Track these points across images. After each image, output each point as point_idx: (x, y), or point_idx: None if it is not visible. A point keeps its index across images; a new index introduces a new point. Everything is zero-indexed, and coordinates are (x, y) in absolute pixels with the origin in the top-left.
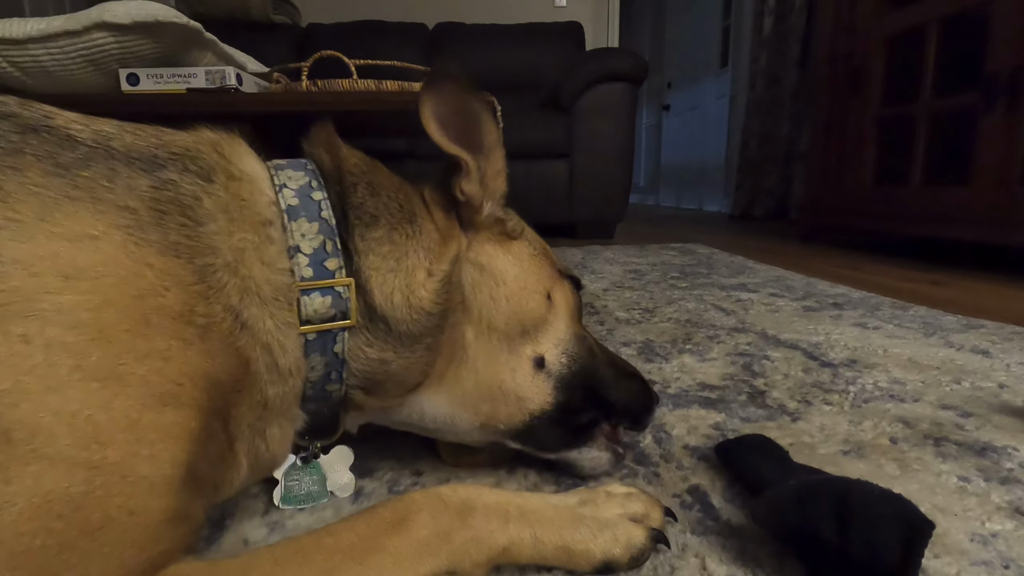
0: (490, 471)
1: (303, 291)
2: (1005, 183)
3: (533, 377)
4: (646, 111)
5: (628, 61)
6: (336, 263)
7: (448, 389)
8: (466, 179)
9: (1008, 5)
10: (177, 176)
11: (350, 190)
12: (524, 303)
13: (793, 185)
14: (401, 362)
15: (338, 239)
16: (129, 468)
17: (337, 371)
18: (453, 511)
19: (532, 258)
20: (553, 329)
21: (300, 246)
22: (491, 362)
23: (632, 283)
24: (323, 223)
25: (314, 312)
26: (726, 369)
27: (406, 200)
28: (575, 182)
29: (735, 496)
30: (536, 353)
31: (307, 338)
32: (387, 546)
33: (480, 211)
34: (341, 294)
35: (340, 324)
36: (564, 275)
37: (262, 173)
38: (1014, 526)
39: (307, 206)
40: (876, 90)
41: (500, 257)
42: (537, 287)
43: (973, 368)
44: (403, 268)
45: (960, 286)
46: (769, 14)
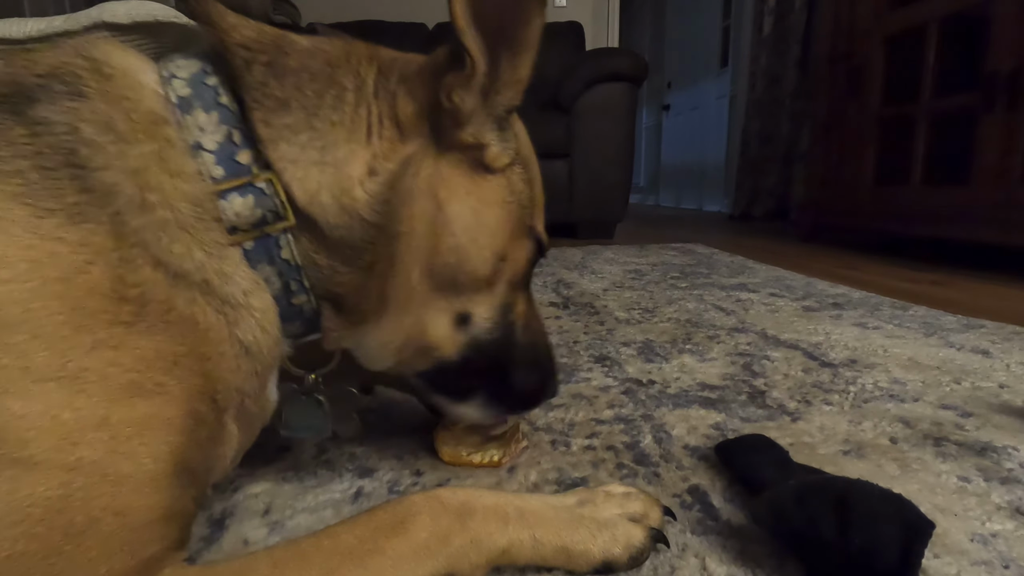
0: (490, 471)
1: (219, 194)
2: (1005, 183)
3: (452, 332)
4: (646, 111)
5: (628, 61)
6: (248, 156)
7: (382, 326)
8: (463, 84)
9: (1008, 5)
10: (48, 110)
11: (242, 69)
12: (468, 261)
13: (793, 185)
14: (351, 277)
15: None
16: (108, 467)
17: (296, 280)
18: (452, 513)
19: (500, 207)
20: (489, 293)
21: (202, 142)
22: (421, 305)
23: (632, 283)
24: (223, 111)
25: (236, 216)
26: (726, 369)
27: (336, 83)
28: (575, 182)
29: (735, 496)
30: (464, 310)
31: (244, 248)
32: (386, 548)
33: (462, 127)
34: (264, 190)
35: (277, 227)
36: (532, 234)
37: (141, 65)
38: (1014, 526)
39: (201, 94)
40: (876, 90)
41: (461, 197)
42: (490, 245)
43: (973, 368)
44: (330, 161)
45: (960, 286)
46: (769, 14)
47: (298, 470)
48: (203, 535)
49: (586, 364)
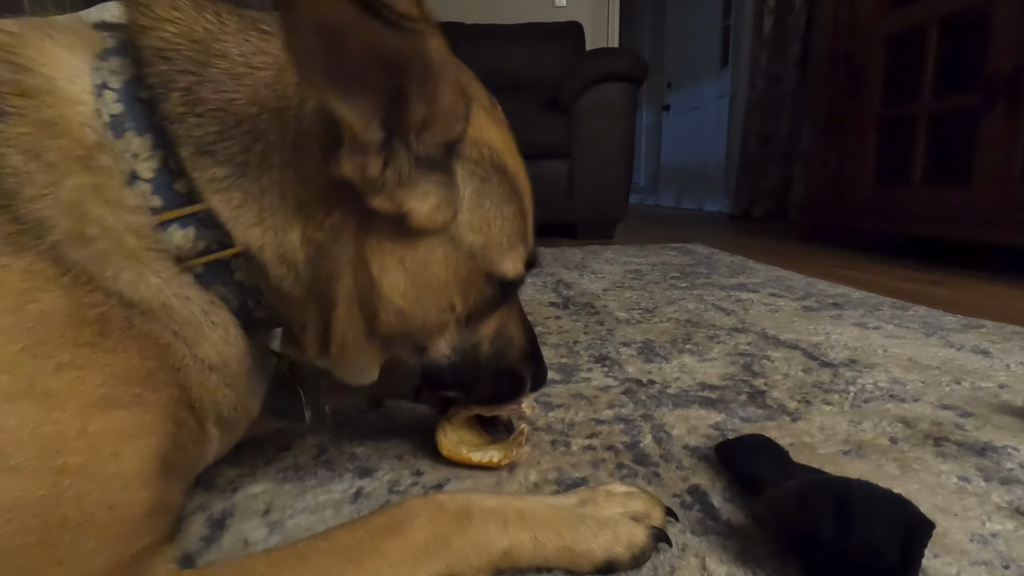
0: (489, 471)
1: (160, 224)
2: (1005, 183)
3: (411, 355)
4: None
5: (628, 61)
6: (184, 185)
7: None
8: (351, 151)
9: (1008, 5)
10: None
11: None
12: (412, 319)
13: (793, 185)
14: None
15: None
16: (95, 469)
17: (254, 299)
18: (451, 516)
19: (443, 264)
20: (444, 334)
21: (136, 170)
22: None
23: (632, 283)
24: (158, 133)
25: (179, 249)
26: (726, 369)
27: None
28: (575, 182)
29: (735, 496)
30: (419, 344)
31: (195, 272)
32: (384, 549)
33: (372, 195)
34: (204, 221)
35: (225, 254)
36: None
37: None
38: (1014, 526)
39: (133, 113)
40: (876, 90)
41: (392, 267)
42: (435, 304)
43: (973, 368)
44: (269, 226)
45: (960, 286)
46: (769, 14)
47: (298, 470)
48: (203, 535)
49: (586, 364)
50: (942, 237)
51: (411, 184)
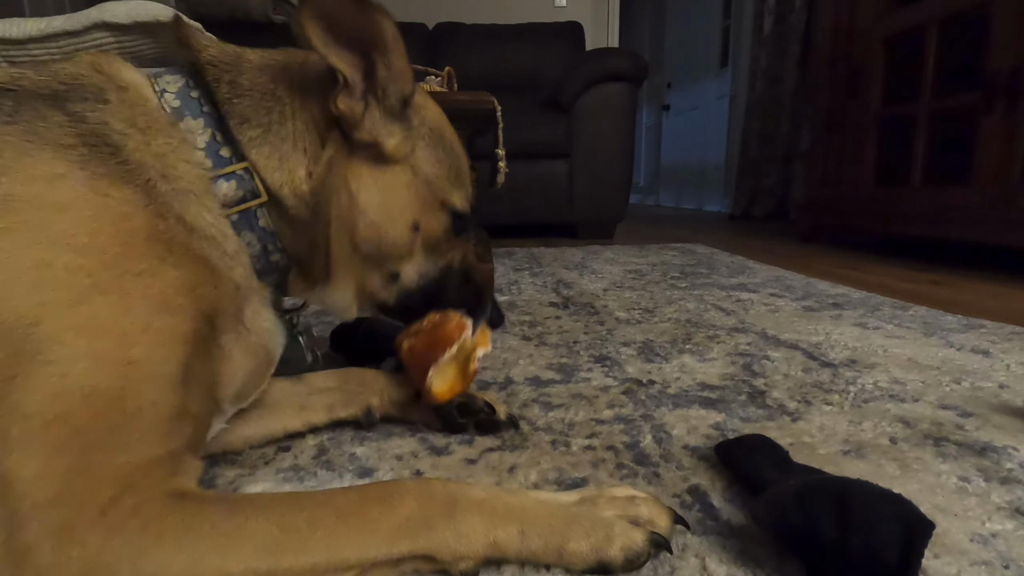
0: (490, 471)
1: (212, 180)
2: (1005, 183)
3: (385, 284)
4: (646, 111)
5: (628, 61)
6: (228, 151)
7: (333, 287)
8: (344, 93)
9: (1008, 5)
10: (81, 107)
11: (213, 86)
12: (384, 233)
13: (793, 185)
14: (304, 244)
15: (223, 128)
16: (149, 366)
17: (271, 243)
18: (439, 502)
19: (406, 187)
20: (411, 255)
21: (195, 143)
22: (356, 272)
23: (632, 283)
24: (207, 117)
25: (225, 196)
26: (726, 369)
27: (279, 100)
28: (575, 182)
29: (735, 496)
30: (393, 271)
31: (232, 219)
32: (369, 515)
33: (356, 128)
34: (242, 176)
35: (255, 203)
36: (445, 206)
37: (143, 81)
38: (1014, 526)
39: (188, 105)
40: (876, 90)
41: (368, 185)
42: (401, 219)
43: (973, 368)
44: (286, 168)
45: (960, 286)
46: (769, 14)
47: (298, 470)
48: None
49: (586, 364)
50: (942, 237)
51: (382, 124)
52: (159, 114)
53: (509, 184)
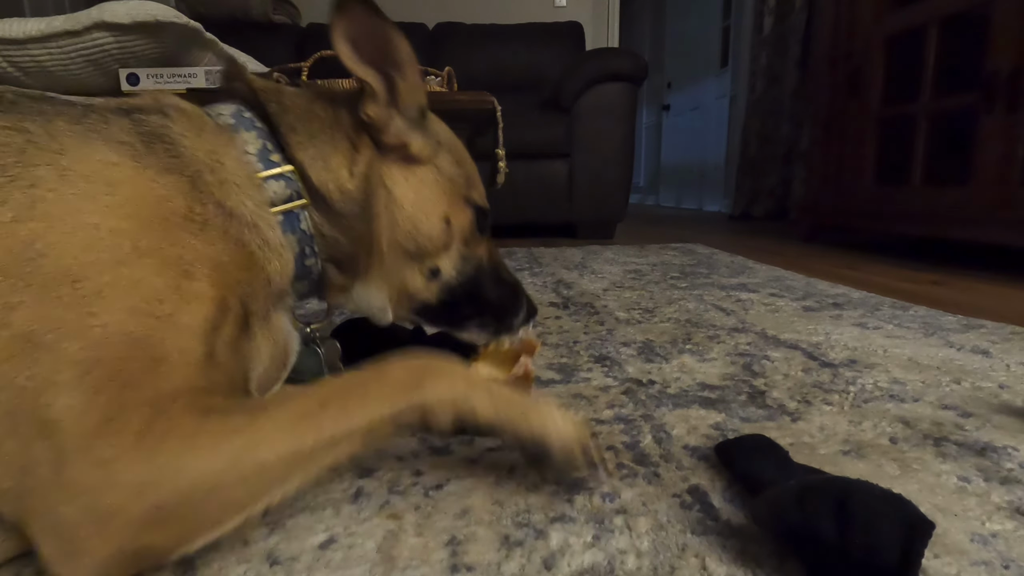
0: (489, 468)
1: (263, 180)
2: (1005, 183)
3: (426, 283)
4: (646, 111)
5: (628, 61)
6: (278, 156)
7: (373, 285)
8: (371, 102)
9: (1008, 5)
10: (145, 116)
11: (267, 105)
12: (420, 225)
13: (793, 185)
14: (347, 241)
15: (273, 139)
16: (178, 318)
17: (309, 246)
18: (423, 366)
19: (434, 184)
20: (448, 248)
21: (247, 149)
22: (396, 268)
23: (632, 283)
24: (259, 130)
25: (275, 195)
26: (726, 369)
27: (317, 116)
28: (575, 182)
29: (735, 496)
30: (433, 265)
31: (278, 220)
32: (369, 387)
33: (384, 132)
34: (290, 177)
35: (298, 203)
36: (468, 202)
37: (199, 110)
38: (1014, 526)
39: (242, 122)
40: (876, 90)
41: (401, 182)
42: (434, 212)
43: (973, 368)
44: (329, 168)
45: (960, 286)
46: (769, 14)
47: None
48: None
49: (586, 364)
50: (942, 237)
51: (407, 130)
52: (213, 127)
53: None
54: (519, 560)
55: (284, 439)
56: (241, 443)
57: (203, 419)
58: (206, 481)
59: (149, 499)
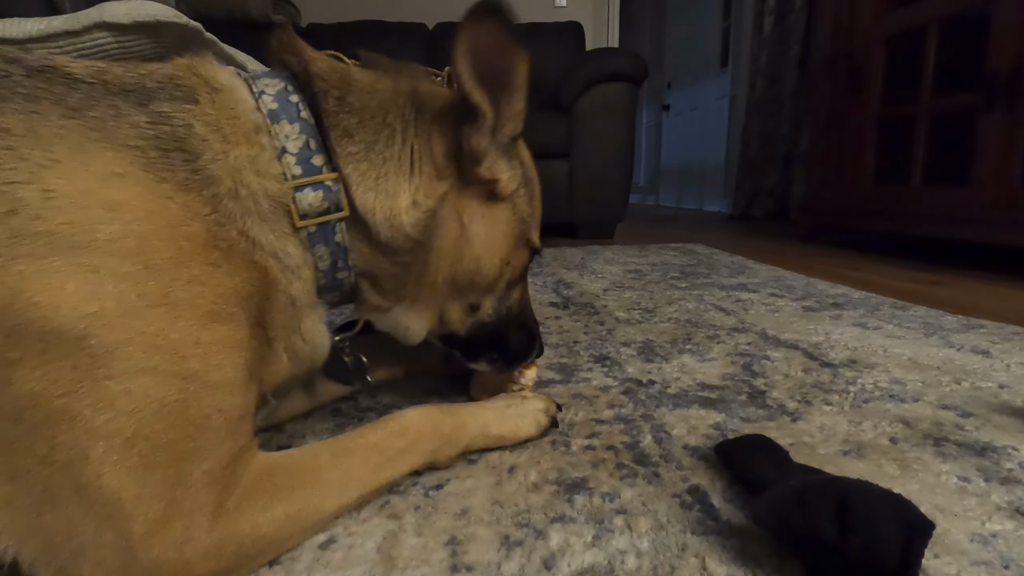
0: (489, 470)
1: (296, 188)
2: (1005, 183)
3: (464, 315)
4: (646, 111)
5: (628, 61)
6: (321, 159)
7: (413, 310)
8: (478, 130)
9: (1008, 5)
10: (168, 106)
11: (321, 96)
12: (483, 266)
13: (793, 185)
14: (388, 266)
15: (319, 138)
16: (207, 376)
17: (342, 259)
18: (432, 426)
19: (507, 224)
20: (494, 289)
21: (287, 147)
22: (443, 299)
23: (632, 283)
24: (303, 123)
25: (309, 206)
26: (726, 369)
27: (388, 125)
28: (575, 182)
29: (735, 496)
30: (475, 302)
31: (308, 231)
32: (395, 445)
33: (479, 164)
34: (331, 187)
35: (335, 216)
36: (528, 244)
37: (240, 83)
38: (1014, 526)
39: (286, 108)
40: (876, 90)
41: (478, 220)
42: (499, 254)
43: (973, 368)
44: (383, 190)
45: (960, 286)
46: (769, 14)
47: None
48: None
49: (586, 364)
50: (942, 237)
51: (498, 161)
52: (250, 118)
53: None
54: (519, 560)
55: (337, 498)
56: (306, 501)
57: (268, 484)
58: (277, 538)
59: (223, 565)
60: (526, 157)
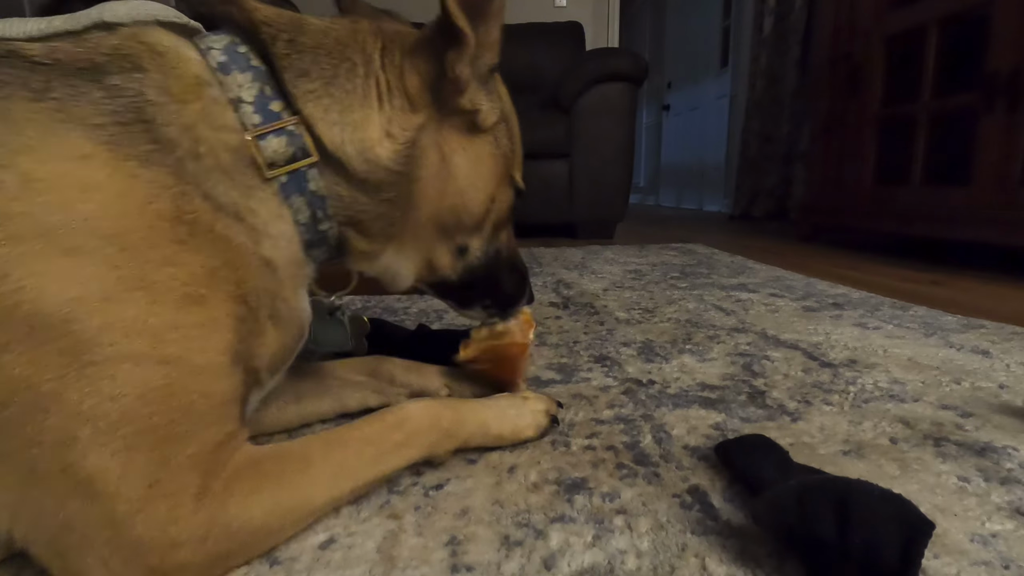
0: (490, 471)
1: (258, 136)
2: (1005, 183)
3: (453, 259)
4: (646, 111)
5: (628, 61)
6: (279, 105)
7: (402, 254)
8: (460, 57)
9: (1008, 5)
10: (119, 79)
11: (269, 42)
12: (468, 201)
13: (793, 185)
14: (372, 206)
15: (274, 82)
16: (189, 360)
17: (322, 209)
18: (430, 420)
19: (490, 158)
20: (482, 228)
21: (241, 96)
22: (431, 240)
23: (632, 283)
24: (255, 71)
25: (274, 153)
26: (726, 369)
27: (347, 59)
28: (575, 182)
29: (735, 496)
30: (463, 243)
31: (280, 182)
32: (393, 438)
33: (462, 94)
34: (293, 132)
35: (305, 162)
36: (512, 182)
37: (184, 42)
38: (1014, 526)
39: (236, 60)
40: (876, 90)
41: (459, 152)
42: (484, 188)
43: (973, 368)
44: (349, 123)
45: (960, 286)
46: (769, 14)
47: None
48: None
49: (586, 364)
50: (942, 237)
51: (478, 92)
52: (196, 72)
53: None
54: (519, 560)
55: (328, 490)
56: (294, 490)
57: (255, 472)
58: (264, 528)
59: (211, 549)
60: (503, 93)
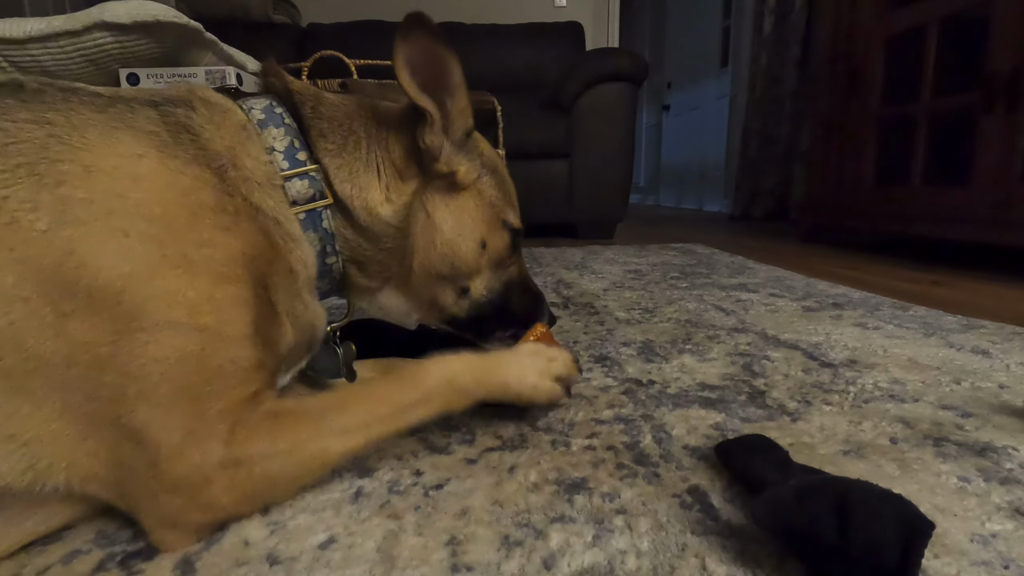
0: (490, 469)
1: (286, 179)
2: (1005, 183)
3: (456, 298)
4: (646, 111)
5: (628, 61)
6: (305, 155)
7: (402, 292)
8: (429, 129)
9: (1008, 5)
10: (172, 108)
11: (299, 105)
12: (456, 250)
13: (793, 185)
14: (372, 251)
15: (301, 138)
16: (220, 330)
17: (330, 245)
18: (447, 381)
19: (474, 209)
20: (480, 270)
21: (274, 146)
22: (429, 283)
23: (632, 283)
24: (288, 127)
25: (298, 193)
26: (726, 369)
27: (354, 132)
28: (575, 182)
29: (735, 496)
30: (463, 285)
31: (299, 217)
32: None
33: (437, 160)
34: (315, 177)
35: (321, 203)
36: (505, 225)
37: (231, 102)
38: (1014, 526)
39: (272, 118)
40: (876, 90)
41: (441, 208)
42: (472, 237)
43: (973, 368)
44: (357, 183)
45: (960, 286)
46: (769, 14)
47: None
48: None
49: (586, 364)
50: (942, 237)
51: (453, 156)
52: (238, 120)
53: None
54: (519, 560)
55: (341, 443)
56: (310, 448)
57: (277, 422)
58: (283, 472)
59: (238, 489)
60: (486, 148)
